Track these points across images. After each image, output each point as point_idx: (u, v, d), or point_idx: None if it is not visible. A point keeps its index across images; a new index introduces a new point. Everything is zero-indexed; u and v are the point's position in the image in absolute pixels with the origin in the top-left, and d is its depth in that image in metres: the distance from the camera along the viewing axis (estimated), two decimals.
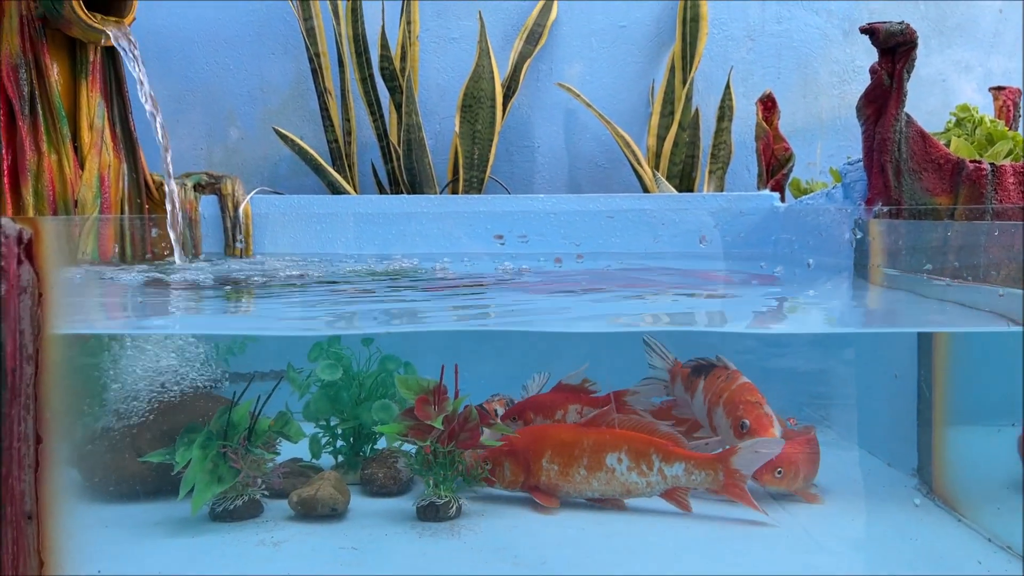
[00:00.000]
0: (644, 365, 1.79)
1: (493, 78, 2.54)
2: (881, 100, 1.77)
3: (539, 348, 1.91)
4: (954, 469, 1.54)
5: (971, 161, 1.70)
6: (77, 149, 2.01)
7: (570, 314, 1.55)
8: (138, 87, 1.99)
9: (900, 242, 1.62)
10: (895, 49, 1.74)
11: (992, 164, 1.69)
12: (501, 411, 1.82)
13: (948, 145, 1.81)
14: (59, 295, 0.89)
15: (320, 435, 1.75)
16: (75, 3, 1.83)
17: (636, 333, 1.75)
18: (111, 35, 1.92)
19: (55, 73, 1.97)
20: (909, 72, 1.74)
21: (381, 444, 1.78)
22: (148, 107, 2.00)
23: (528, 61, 2.67)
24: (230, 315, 1.60)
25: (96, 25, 1.88)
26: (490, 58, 2.54)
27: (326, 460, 1.75)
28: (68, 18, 1.87)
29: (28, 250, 0.85)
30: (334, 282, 1.81)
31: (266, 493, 1.55)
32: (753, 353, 1.76)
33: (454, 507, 1.50)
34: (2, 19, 1.91)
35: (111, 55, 2.08)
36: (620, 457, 1.54)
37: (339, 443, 1.76)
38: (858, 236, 1.69)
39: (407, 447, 1.64)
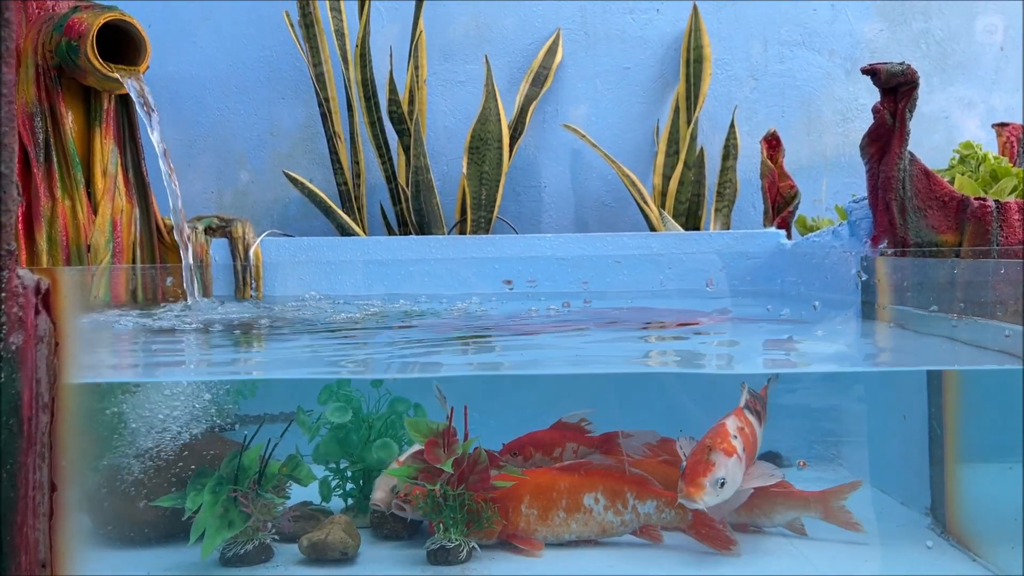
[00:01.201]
0: (657, 406, 1.79)
1: (500, 120, 2.58)
2: (884, 139, 1.79)
3: (553, 388, 1.91)
4: (967, 508, 1.53)
5: (976, 198, 1.71)
6: (91, 195, 2.04)
7: (583, 356, 1.56)
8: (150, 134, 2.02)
9: (907, 280, 1.63)
10: (897, 89, 1.76)
11: (996, 201, 1.70)
12: None
13: (952, 182, 1.83)
14: (75, 344, 0.90)
15: (330, 478, 1.75)
16: (91, 53, 1.88)
17: (648, 375, 1.75)
18: (125, 84, 1.96)
19: (70, 121, 2.01)
20: (911, 111, 1.76)
21: None
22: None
23: (534, 103, 2.70)
24: (240, 359, 1.61)
25: (111, 74, 1.92)
26: (496, 101, 2.58)
27: (336, 503, 1.75)
28: (84, 68, 1.91)
29: (45, 300, 0.87)
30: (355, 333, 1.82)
31: (276, 537, 1.54)
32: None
33: (465, 551, 1.49)
34: (18, 69, 1.95)
35: (125, 102, 2.12)
36: (597, 497, 1.55)
37: (349, 486, 1.76)
38: (863, 279, 1.70)
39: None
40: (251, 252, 2.25)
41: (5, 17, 0.81)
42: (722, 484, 1.39)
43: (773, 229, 2.34)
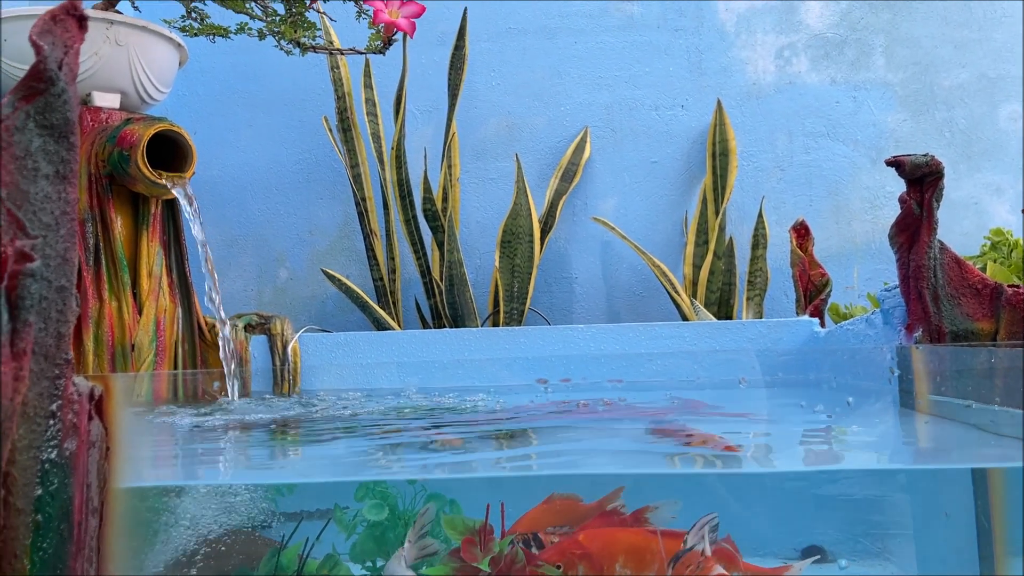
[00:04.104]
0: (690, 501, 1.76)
1: (530, 215, 2.64)
2: (913, 228, 1.80)
3: (584, 484, 1.90)
4: None
5: (1009, 286, 1.71)
6: (136, 295, 2.11)
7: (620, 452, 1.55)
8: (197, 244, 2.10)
9: (943, 370, 1.62)
10: (922, 179, 1.78)
11: None
12: None
13: (984, 269, 1.83)
14: (124, 448, 0.93)
15: None
16: (141, 163, 1.97)
17: (686, 476, 1.73)
18: (173, 190, 2.05)
19: (119, 226, 2.10)
20: (938, 200, 1.78)
21: None
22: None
23: (564, 198, 2.77)
24: (279, 458, 1.63)
25: (160, 182, 2.01)
26: (527, 196, 2.64)
27: None
28: (134, 176, 2.00)
29: (99, 406, 0.90)
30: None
31: None
32: (806, 480, 1.73)
33: None
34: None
35: (170, 205, 2.21)
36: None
37: None
38: (896, 373, 1.69)
39: None
40: (289, 348, 2.29)
41: (71, 141, 0.87)
42: None
43: (806, 317, 2.33)
